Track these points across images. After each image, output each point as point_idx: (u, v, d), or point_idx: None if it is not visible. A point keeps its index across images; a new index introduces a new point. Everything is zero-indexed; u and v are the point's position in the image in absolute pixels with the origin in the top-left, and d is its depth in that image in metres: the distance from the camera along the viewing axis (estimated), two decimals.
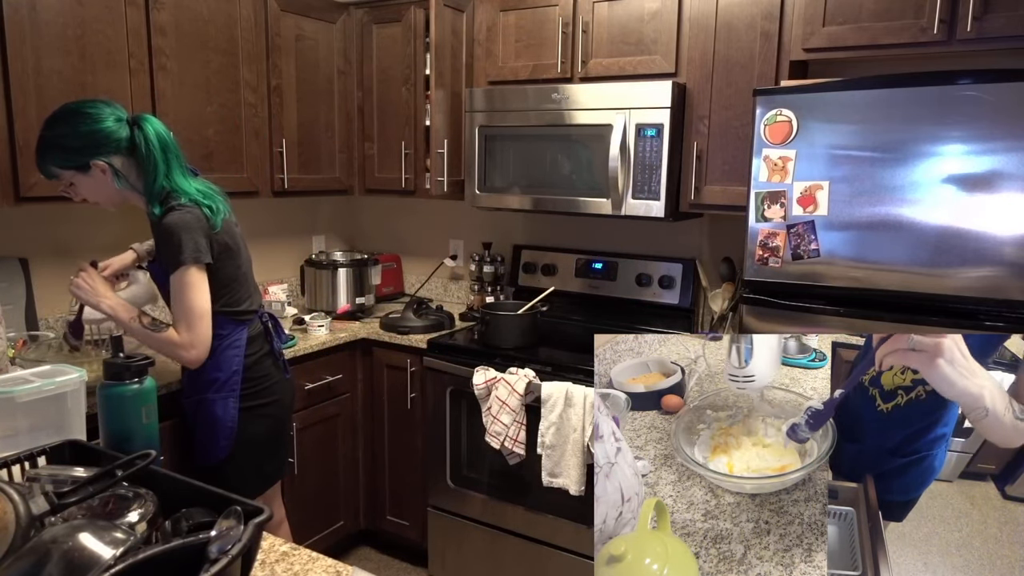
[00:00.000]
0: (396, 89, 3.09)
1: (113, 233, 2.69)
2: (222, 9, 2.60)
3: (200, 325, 1.77)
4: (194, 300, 1.75)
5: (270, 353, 2.00)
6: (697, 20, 2.42)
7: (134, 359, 1.68)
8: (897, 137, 1.85)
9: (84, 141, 1.72)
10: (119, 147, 1.75)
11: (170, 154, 1.78)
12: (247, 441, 1.94)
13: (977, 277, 1.80)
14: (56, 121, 1.74)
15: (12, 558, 0.95)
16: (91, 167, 1.74)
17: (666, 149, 2.43)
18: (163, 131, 1.79)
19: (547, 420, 2.37)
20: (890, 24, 2.10)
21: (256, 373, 1.95)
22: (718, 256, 2.76)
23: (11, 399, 1.49)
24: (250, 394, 1.94)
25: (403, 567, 3.04)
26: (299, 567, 1.21)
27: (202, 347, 1.79)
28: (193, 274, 1.75)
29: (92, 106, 1.75)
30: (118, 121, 1.75)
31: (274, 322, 2.04)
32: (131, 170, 1.78)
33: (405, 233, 3.63)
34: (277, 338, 2.03)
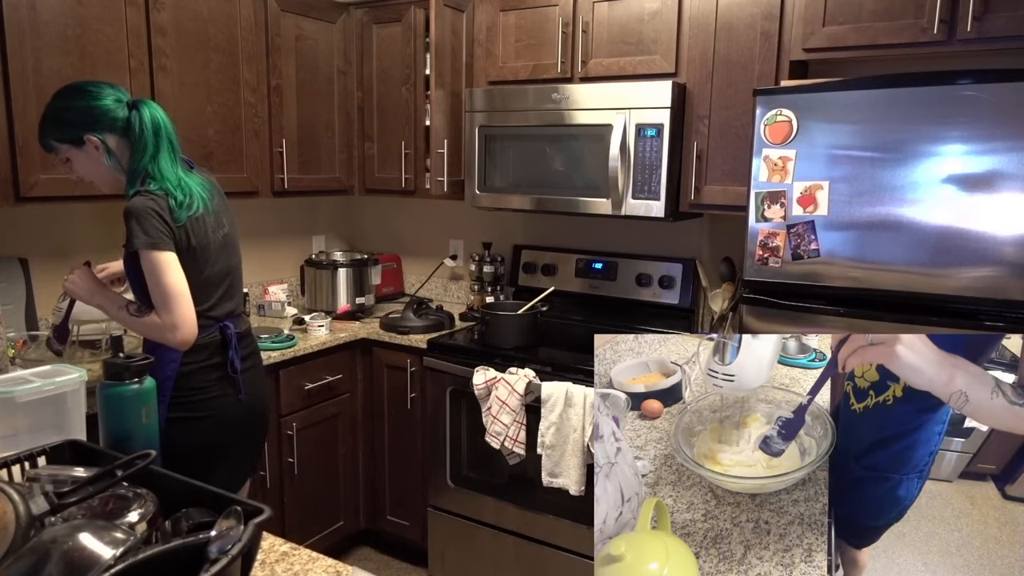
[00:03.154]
0: (396, 89, 3.09)
1: (113, 233, 2.69)
2: (222, 9, 2.61)
3: (176, 305, 1.72)
4: (164, 283, 1.71)
5: (219, 366, 1.88)
6: (697, 20, 2.42)
7: (134, 359, 1.68)
8: (897, 137, 1.85)
9: (81, 116, 1.74)
10: (114, 126, 1.76)
11: (161, 139, 1.77)
12: (173, 453, 1.79)
13: (977, 277, 1.80)
14: (58, 96, 1.77)
15: (12, 558, 0.95)
16: (85, 142, 1.76)
17: (666, 149, 2.43)
18: (161, 116, 1.79)
19: (547, 420, 2.37)
20: (890, 24, 2.10)
21: (192, 383, 1.84)
22: (718, 256, 2.76)
23: (11, 399, 1.49)
24: (179, 404, 1.84)
25: (403, 567, 3.04)
26: (299, 567, 1.21)
27: (186, 327, 1.73)
28: (156, 257, 1.71)
29: (95, 85, 1.78)
30: (117, 101, 1.76)
31: (238, 337, 1.92)
32: (124, 152, 1.78)
33: (405, 233, 3.64)
34: (235, 354, 1.90)
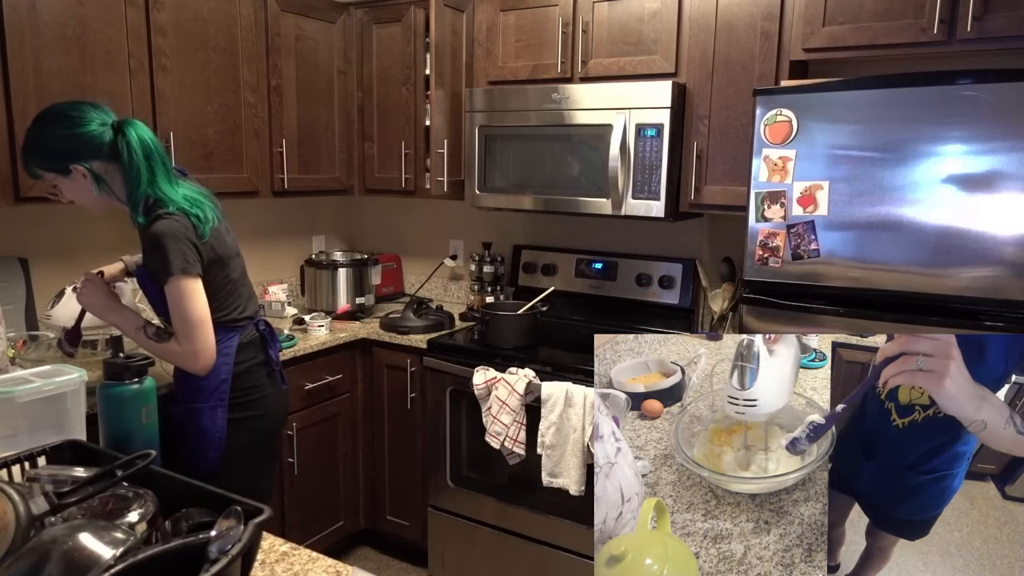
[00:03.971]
0: (396, 89, 3.09)
1: (113, 233, 2.69)
2: (222, 9, 2.60)
3: (198, 334, 1.71)
4: (189, 310, 1.70)
5: (264, 363, 1.93)
6: (697, 20, 2.42)
7: (134, 359, 1.69)
8: (897, 137, 1.85)
9: (65, 145, 1.67)
10: (100, 152, 1.69)
11: (154, 161, 1.71)
12: (237, 454, 1.87)
13: (977, 277, 1.80)
14: (39, 122, 1.70)
15: (12, 558, 0.95)
16: (72, 171, 1.69)
17: (666, 149, 2.43)
18: (148, 136, 1.72)
19: (547, 420, 2.37)
20: (890, 24, 2.10)
21: (245, 383, 1.88)
22: (718, 256, 2.76)
23: (11, 399, 1.49)
24: (238, 404, 1.87)
25: (403, 567, 3.04)
26: (299, 567, 1.21)
27: (206, 355, 1.74)
28: (185, 284, 1.69)
29: (77, 108, 1.70)
30: (102, 125, 1.69)
31: (270, 331, 1.98)
32: (115, 176, 1.72)
33: (405, 233, 3.64)
34: (272, 347, 1.96)
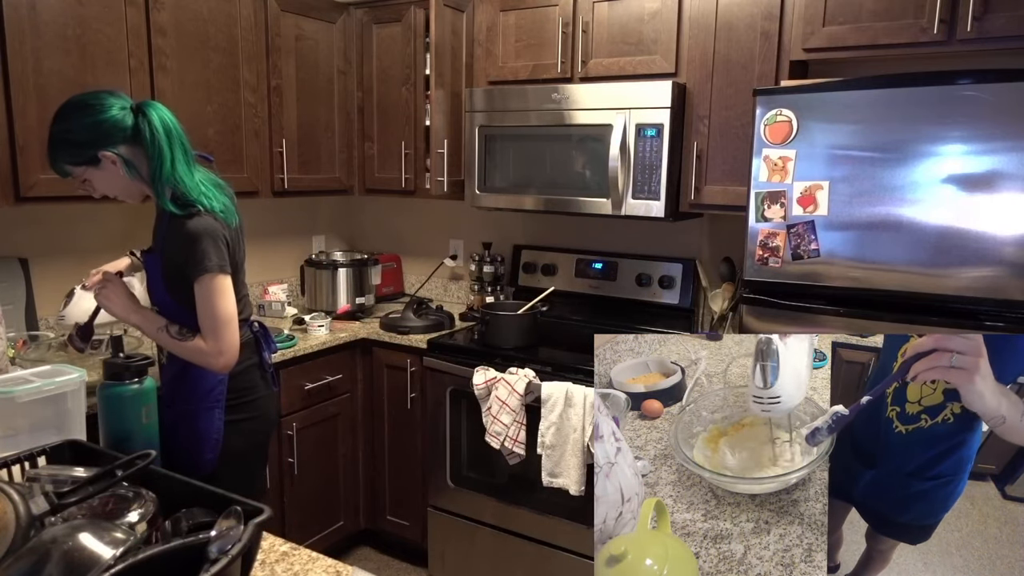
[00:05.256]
0: (396, 89, 3.09)
1: (113, 233, 2.69)
2: (222, 9, 2.61)
3: (226, 332, 1.72)
4: (220, 307, 1.71)
5: (259, 365, 1.92)
6: (697, 20, 2.42)
7: (133, 359, 1.68)
8: (897, 137, 1.85)
9: (91, 134, 1.68)
10: (125, 136, 1.69)
11: (174, 142, 1.73)
12: (233, 455, 1.86)
13: (977, 277, 1.80)
14: (61, 116, 1.70)
15: (12, 558, 0.95)
16: (101, 159, 1.69)
17: (666, 149, 2.43)
18: (168, 118, 1.74)
19: (547, 420, 2.37)
20: (890, 24, 2.10)
21: (241, 384, 1.87)
22: (718, 256, 2.76)
23: (11, 399, 1.49)
24: (234, 406, 1.86)
25: (403, 567, 3.04)
26: (299, 567, 1.21)
27: (230, 353, 1.73)
28: (220, 281, 1.70)
29: (95, 97, 1.71)
30: (122, 109, 1.70)
31: (264, 332, 1.97)
32: (141, 159, 1.73)
33: (405, 233, 3.64)
34: (267, 349, 1.96)
